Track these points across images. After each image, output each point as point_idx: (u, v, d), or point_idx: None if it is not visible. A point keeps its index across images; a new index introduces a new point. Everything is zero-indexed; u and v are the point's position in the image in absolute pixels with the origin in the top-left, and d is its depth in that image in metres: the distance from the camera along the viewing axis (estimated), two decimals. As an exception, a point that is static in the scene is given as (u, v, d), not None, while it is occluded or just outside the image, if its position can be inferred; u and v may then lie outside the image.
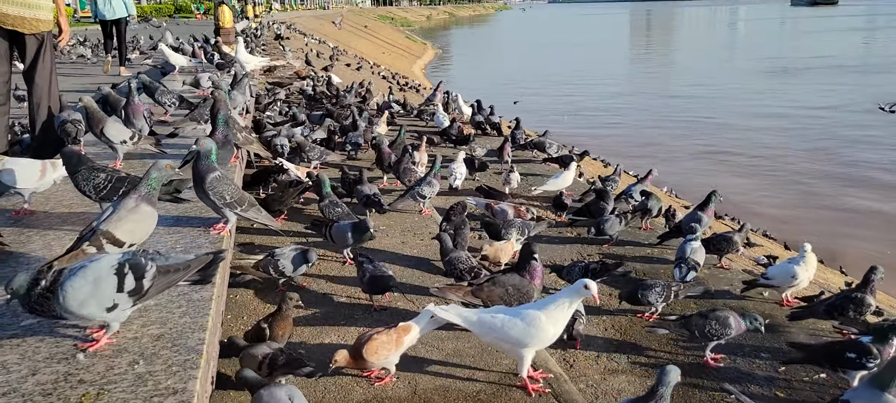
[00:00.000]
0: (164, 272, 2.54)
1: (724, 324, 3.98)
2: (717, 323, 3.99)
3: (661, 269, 5.69)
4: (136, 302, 2.48)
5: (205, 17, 48.78)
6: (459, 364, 3.87)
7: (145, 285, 2.46)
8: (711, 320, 4.00)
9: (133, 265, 2.44)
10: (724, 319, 3.99)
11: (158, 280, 2.51)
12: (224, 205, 3.66)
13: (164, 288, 2.58)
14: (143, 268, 2.46)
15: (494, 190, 7.24)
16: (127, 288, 2.41)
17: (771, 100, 25.70)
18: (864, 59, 39.60)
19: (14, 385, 2.25)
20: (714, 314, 4.05)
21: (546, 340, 3.41)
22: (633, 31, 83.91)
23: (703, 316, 4.08)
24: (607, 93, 28.21)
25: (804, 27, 72.42)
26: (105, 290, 2.37)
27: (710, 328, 3.99)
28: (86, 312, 2.37)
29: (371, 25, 57.84)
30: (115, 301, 2.40)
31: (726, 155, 17.20)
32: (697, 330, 4.05)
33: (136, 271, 2.44)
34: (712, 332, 4.00)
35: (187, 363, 2.39)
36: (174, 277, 2.59)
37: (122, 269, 2.41)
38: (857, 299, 4.41)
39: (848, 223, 12.07)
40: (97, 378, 2.29)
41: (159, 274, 2.51)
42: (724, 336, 4.01)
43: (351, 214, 5.66)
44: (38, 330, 2.62)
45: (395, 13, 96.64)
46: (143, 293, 2.46)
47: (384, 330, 3.54)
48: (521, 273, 3.97)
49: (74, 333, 2.60)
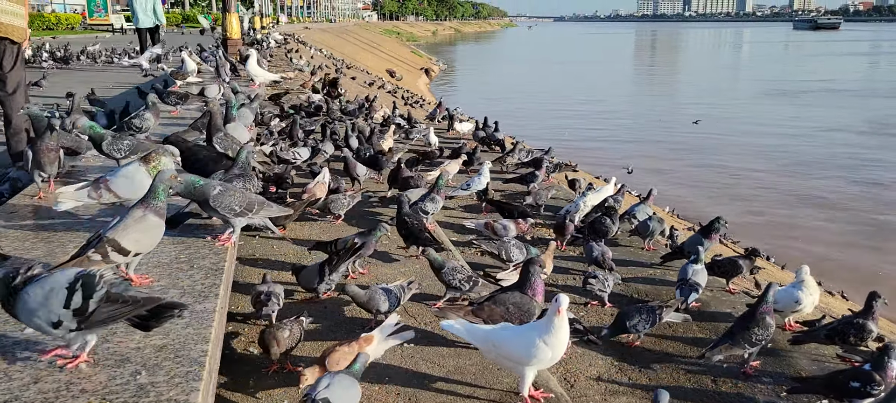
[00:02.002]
0: (113, 299, 2.34)
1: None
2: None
3: (663, 290, 5.69)
4: (79, 325, 2.30)
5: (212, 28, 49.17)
6: (461, 380, 3.86)
7: (90, 306, 2.29)
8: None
9: (85, 283, 2.30)
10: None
11: (103, 307, 2.32)
12: (235, 216, 3.68)
13: (109, 318, 2.36)
14: (93, 288, 2.30)
15: (506, 203, 7.24)
16: (73, 306, 2.27)
17: (768, 121, 26.05)
18: (862, 84, 40.20)
19: (16, 392, 2.26)
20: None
21: (547, 360, 3.41)
22: (638, 50, 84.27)
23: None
24: (607, 112, 28.38)
25: (806, 51, 72.87)
26: (53, 304, 2.26)
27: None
28: (35, 323, 2.28)
29: (377, 39, 58.20)
30: (59, 316, 2.27)
31: (722, 173, 17.35)
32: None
33: (86, 290, 2.29)
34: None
35: (190, 375, 2.39)
36: (122, 310, 2.37)
37: (74, 285, 2.28)
38: (859, 325, 4.40)
39: (837, 242, 12.17)
40: (99, 388, 2.30)
41: (107, 301, 2.33)
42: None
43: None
44: (41, 339, 2.62)
45: (401, 28, 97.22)
46: (86, 314, 2.29)
47: (346, 341, 3.52)
48: (524, 290, 3.96)
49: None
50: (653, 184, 8.88)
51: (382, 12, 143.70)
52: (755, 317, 4.10)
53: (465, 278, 4.56)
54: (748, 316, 4.18)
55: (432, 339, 4.27)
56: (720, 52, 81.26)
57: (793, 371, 4.40)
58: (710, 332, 4.91)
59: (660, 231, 6.61)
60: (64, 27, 43.30)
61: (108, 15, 45.96)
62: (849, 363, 4.46)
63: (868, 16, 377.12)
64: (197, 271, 3.34)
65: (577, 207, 7.05)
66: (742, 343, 4.13)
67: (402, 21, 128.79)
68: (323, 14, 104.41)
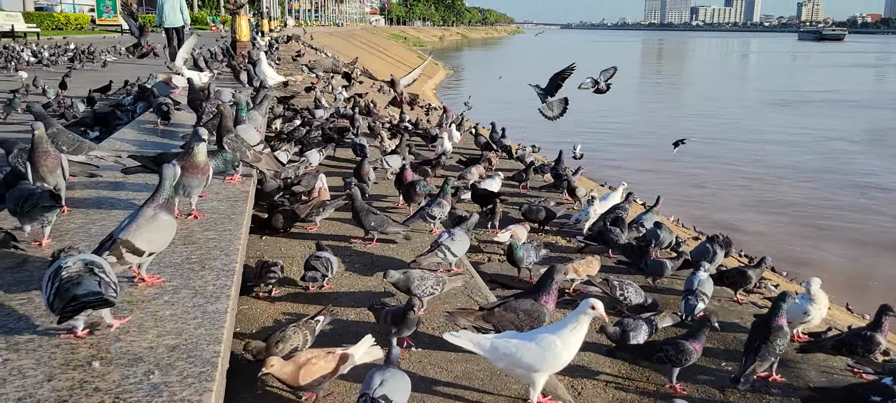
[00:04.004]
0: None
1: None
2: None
3: (670, 300, 5.68)
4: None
5: (220, 28, 49.30)
6: (469, 386, 3.85)
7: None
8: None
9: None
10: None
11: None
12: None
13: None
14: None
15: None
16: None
17: (770, 131, 26.25)
18: (863, 95, 40.51)
19: (30, 390, 2.27)
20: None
21: (559, 364, 3.41)
22: (644, 58, 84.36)
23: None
24: (615, 121, 28.41)
25: (812, 61, 73.02)
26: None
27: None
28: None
29: (384, 44, 58.33)
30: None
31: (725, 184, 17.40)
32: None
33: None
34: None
35: (202, 375, 2.40)
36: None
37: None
38: (867, 337, 4.39)
39: (835, 250, 12.19)
40: (112, 387, 2.30)
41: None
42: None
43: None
44: (54, 336, 2.63)
45: (408, 33, 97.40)
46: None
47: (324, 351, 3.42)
48: (536, 296, 3.95)
49: (89, 341, 2.61)
50: (654, 190, 8.88)
51: (389, 17, 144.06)
52: (772, 328, 4.08)
53: (434, 283, 4.49)
54: (764, 328, 4.15)
55: (440, 344, 4.26)
56: (721, 61, 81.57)
57: (802, 383, 4.40)
58: (717, 342, 4.90)
59: (668, 241, 6.59)
60: (73, 27, 43.53)
61: (116, 15, 46.27)
62: (859, 375, 4.44)
63: (876, 28, 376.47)
64: (208, 272, 3.35)
65: (586, 215, 7.04)
66: (768, 356, 4.11)
67: (410, 26, 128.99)
68: (330, 18, 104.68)
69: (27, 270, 3.29)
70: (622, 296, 5.12)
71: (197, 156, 4.10)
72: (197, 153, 4.12)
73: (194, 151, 4.12)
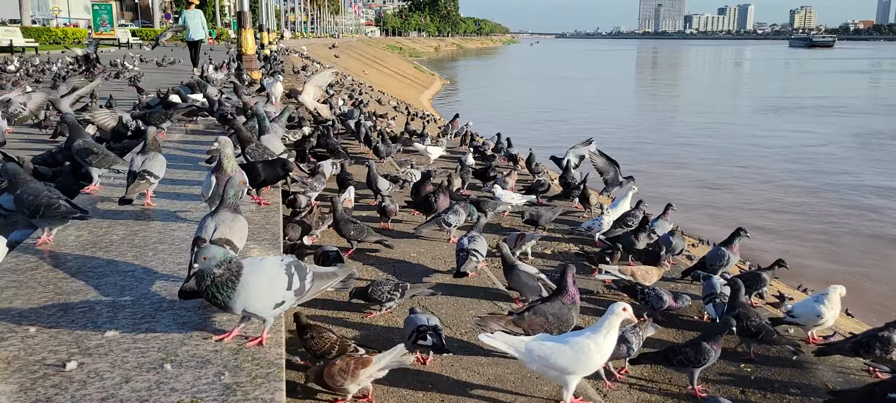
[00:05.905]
0: (318, 277, 2.97)
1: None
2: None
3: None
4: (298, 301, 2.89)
5: (216, 41, 49.48)
6: (501, 388, 3.99)
7: (306, 286, 2.86)
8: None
9: (297, 267, 2.85)
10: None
11: (316, 283, 2.93)
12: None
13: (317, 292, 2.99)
14: (305, 271, 2.87)
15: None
16: (294, 287, 2.80)
17: (763, 136, 26.71)
18: (849, 101, 41.32)
19: (111, 391, 2.39)
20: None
21: (593, 366, 3.56)
22: (639, 67, 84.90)
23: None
24: (610, 127, 28.71)
25: (802, 68, 73.89)
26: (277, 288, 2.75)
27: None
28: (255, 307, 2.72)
29: (380, 54, 58.57)
30: (283, 298, 2.78)
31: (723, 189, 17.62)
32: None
33: (301, 272, 2.84)
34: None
35: (270, 375, 2.53)
36: (325, 283, 3.04)
37: (289, 270, 2.81)
38: (884, 338, 4.52)
39: (833, 253, 12.37)
40: (188, 387, 2.43)
41: (316, 278, 2.94)
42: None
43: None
44: (122, 341, 2.76)
45: (404, 43, 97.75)
46: (304, 293, 2.86)
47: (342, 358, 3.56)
48: (562, 295, 4.10)
49: (157, 345, 2.74)
50: (649, 197, 9.03)
51: (385, 28, 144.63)
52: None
53: (392, 288, 4.76)
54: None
55: (469, 349, 4.40)
56: (711, 69, 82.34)
57: (819, 383, 4.54)
58: (735, 344, 5.03)
59: (680, 248, 6.74)
60: (71, 41, 43.62)
61: (113, 29, 46.45)
62: (874, 374, 4.58)
63: (868, 34, 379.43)
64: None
65: (599, 224, 7.19)
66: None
67: (405, 37, 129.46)
68: (326, 30, 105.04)
69: (84, 274, 3.42)
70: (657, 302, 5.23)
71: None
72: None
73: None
